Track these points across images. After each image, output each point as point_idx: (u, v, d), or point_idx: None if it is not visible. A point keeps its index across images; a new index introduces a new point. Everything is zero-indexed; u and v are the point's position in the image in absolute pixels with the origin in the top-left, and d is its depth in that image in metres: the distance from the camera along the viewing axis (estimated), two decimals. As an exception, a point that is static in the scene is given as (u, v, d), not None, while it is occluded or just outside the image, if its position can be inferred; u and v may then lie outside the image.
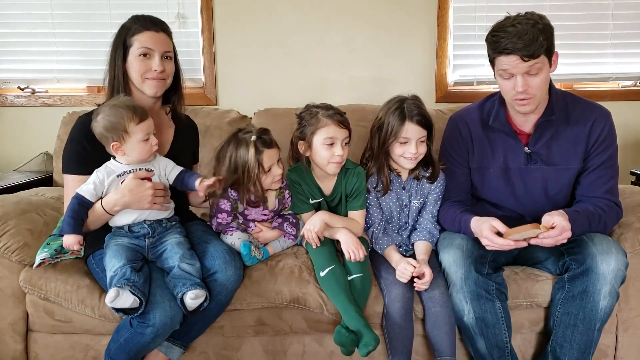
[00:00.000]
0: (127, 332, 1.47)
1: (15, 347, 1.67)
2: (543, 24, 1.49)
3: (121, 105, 1.51)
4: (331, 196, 1.78)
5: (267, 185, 1.67)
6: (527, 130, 1.67)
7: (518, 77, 1.51)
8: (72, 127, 1.63)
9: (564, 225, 1.42)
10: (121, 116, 1.48)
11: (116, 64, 1.62)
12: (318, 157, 1.68)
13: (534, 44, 1.45)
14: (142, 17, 1.63)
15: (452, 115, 1.84)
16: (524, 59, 1.47)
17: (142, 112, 1.52)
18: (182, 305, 1.45)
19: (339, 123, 1.64)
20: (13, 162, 2.57)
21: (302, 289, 1.63)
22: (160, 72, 1.62)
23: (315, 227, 1.65)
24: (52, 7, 2.52)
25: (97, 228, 1.57)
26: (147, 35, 1.60)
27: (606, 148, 1.62)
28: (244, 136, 1.62)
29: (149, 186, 1.53)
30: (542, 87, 1.54)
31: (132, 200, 1.52)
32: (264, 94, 2.56)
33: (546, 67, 1.52)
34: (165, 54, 1.63)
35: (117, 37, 1.63)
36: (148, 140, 1.53)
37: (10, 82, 2.60)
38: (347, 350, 1.52)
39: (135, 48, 1.60)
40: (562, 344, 1.55)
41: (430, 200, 1.79)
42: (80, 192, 1.52)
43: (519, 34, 1.46)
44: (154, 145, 1.55)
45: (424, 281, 1.57)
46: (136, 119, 1.50)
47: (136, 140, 1.51)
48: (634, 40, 2.51)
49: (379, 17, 2.52)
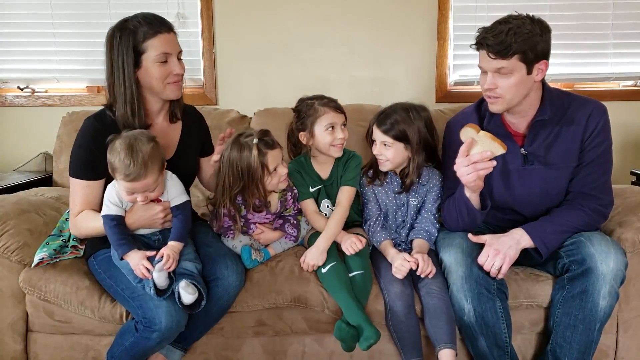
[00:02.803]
0: (133, 336, 1.46)
1: (15, 347, 1.67)
2: (530, 31, 1.47)
3: (125, 157, 1.41)
4: (329, 180, 1.83)
5: (274, 186, 1.67)
6: (521, 131, 1.67)
7: (489, 74, 1.53)
8: (80, 130, 1.58)
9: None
10: (118, 167, 1.42)
11: (125, 72, 1.50)
12: (321, 144, 1.75)
13: (502, 44, 1.46)
14: (148, 19, 1.52)
15: (450, 120, 1.83)
16: (489, 55, 1.49)
17: (140, 172, 1.42)
18: (180, 302, 1.43)
19: (335, 109, 1.75)
20: (13, 162, 2.57)
21: (303, 287, 1.63)
22: (182, 74, 1.59)
23: (319, 262, 1.65)
24: (52, 7, 2.52)
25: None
26: (161, 39, 1.51)
27: (600, 143, 1.61)
28: (246, 140, 1.61)
29: (159, 209, 1.53)
30: (511, 90, 1.53)
31: (145, 222, 1.54)
32: (264, 94, 2.56)
33: (520, 72, 1.50)
34: (180, 54, 1.60)
35: (123, 42, 1.49)
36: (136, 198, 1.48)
37: (10, 82, 2.59)
38: (348, 345, 1.53)
39: (152, 54, 1.50)
40: (562, 345, 1.55)
41: (429, 198, 1.80)
42: (108, 213, 1.50)
43: (494, 31, 1.48)
44: (139, 202, 1.49)
45: (422, 266, 1.58)
46: (127, 179, 1.42)
47: (125, 195, 1.48)
48: (634, 40, 2.51)
49: (379, 17, 2.52)
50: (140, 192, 1.47)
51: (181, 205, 1.57)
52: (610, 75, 2.54)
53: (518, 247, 1.55)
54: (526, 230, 1.57)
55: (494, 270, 1.53)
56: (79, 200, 1.58)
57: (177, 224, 1.55)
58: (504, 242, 1.55)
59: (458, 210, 1.64)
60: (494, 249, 1.54)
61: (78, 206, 1.58)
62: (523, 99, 1.57)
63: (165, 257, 1.43)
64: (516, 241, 1.56)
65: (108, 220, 1.50)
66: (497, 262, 1.52)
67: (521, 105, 1.59)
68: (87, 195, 1.58)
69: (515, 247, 1.55)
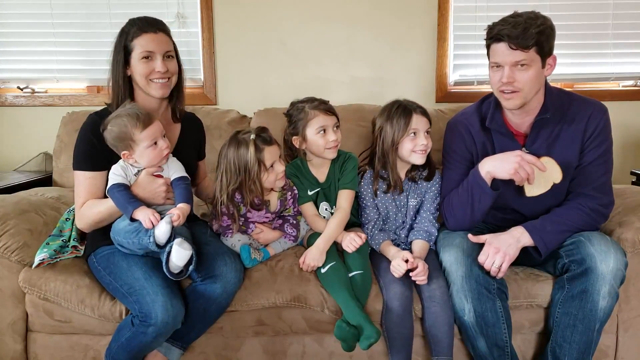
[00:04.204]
0: (129, 331, 1.47)
1: (15, 347, 1.67)
2: (543, 23, 1.49)
3: (124, 115, 1.51)
4: (326, 183, 1.82)
5: (271, 183, 1.67)
6: (523, 130, 1.67)
7: (505, 68, 1.53)
8: (82, 125, 1.64)
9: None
10: (125, 125, 1.50)
11: (117, 68, 1.62)
12: (315, 147, 1.74)
13: (525, 34, 1.47)
14: (139, 20, 1.63)
15: (450, 120, 1.84)
16: (511, 47, 1.49)
17: (146, 118, 1.52)
18: (167, 267, 1.44)
19: (325, 111, 1.73)
20: (13, 162, 2.57)
21: (303, 287, 1.63)
22: (164, 72, 1.62)
23: (319, 262, 1.65)
24: (52, 7, 2.52)
25: (107, 224, 1.58)
26: (146, 37, 1.60)
27: (600, 143, 1.61)
28: (243, 136, 1.63)
29: (161, 182, 1.56)
30: (529, 84, 1.53)
31: (147, 196, 1.55)
32: (264, 94, 2.56)
33: (537, 64, 1.52)
34: (167, 53, 1.64)
35: (118, 42, 1.63)
36: (156, 145, 1.54)
37: (10, 82, 2.60)
38: (348, 345, 1.53)
39: (137, 52, 1.60)
40: (561, 344, 1.55)
41: (427, 198, 1.80)
42: (114, 182, 1.53)
43: (513, 23, 1.49)
44: (164, 149, 1.56)
45: (418, 271, 1.57)
46: (140, 126, 1.50)
47: (144, 147, 1.52)
48: (635, 40, 2.51)
49: (379, 17, 2.52)
50: (160, 137, 1.54)
51: (182, 177, 1.60)
52: (610, 75, 2.54)
53: (518, 245, 1.55)
54: (526, 229, 1.57)
55: (494, 269, 1.53)
56: (82, 193, 1.61)
57: (180, 191, 1.57)
58: (504, 240, 1.55)
59: (470, 195, 1.64)
60: (493, 247, 1.54)
61: (82, 198, 1.61)
62: (535, 94, 1.57)
63: (175, 215, 1.47)
64: (516, 239, 1.56)
65: (115, 187, 1.52)
66: (497, 261, 1.52)
67: (532, 102, 1.60)
68: (90, 187, 1.61)
69: (515, 245, 1.55)
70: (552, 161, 1.57)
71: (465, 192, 1.66)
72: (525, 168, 1.52)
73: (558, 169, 1.56)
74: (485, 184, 1.60)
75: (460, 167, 1.75)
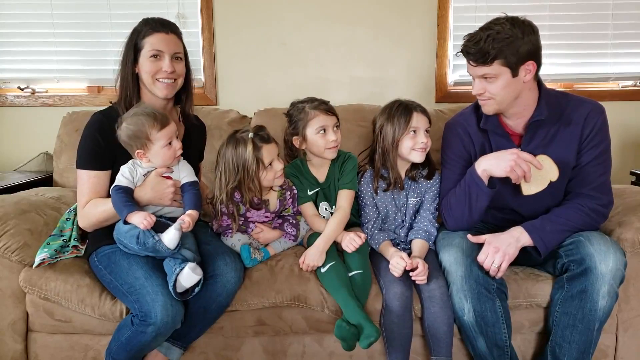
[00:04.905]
0: (129, 330, 1.47)
1: (15, 347, 1.67)
2: (509, 34, 1.48)
3: (142, 113, 1.52)
4: (326, 183, 1.83)
5: (270, 181, 1.68)
6: (519, 131, 1.68)
7: (476, 80, 1.58)
8: (87, 124, 1.64)
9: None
10: (142, 124, 1.50)
11: (126, 65, 1.64)
12: (315, 147, 1.75)
13: (481, 52, 1.50)
14: (152, 20, 1.64)
15: (448, 121, 1.84)
16: (470, 64, 1.55)
17: (163, 119, 1.53)
18: (174, 288, 1.44)
19: (325, 111, 1.74)
20: (13, 162, 2.57)
21: (303, 286, 1.63)
22: (171, 73, 1.62)
23: (318, 262, 1.66)
24: (52, 7, 2.52)
25: (111, 224, 1.58)
26: (157, 37, 1.61)
27: (598, 143, 1.62)
28: (241, 135, 1.64)
29: (170, 184, 1.56)
30: (501, 93, 1.56)
31: (154, 197, 1.55)
32: (264, 94, 2.56)
33: (505, 75, 1.53)
34: (176, 54, 1.65)
35: (129, 40, 1.64)
36: (171, 145, 1.55)
37: (10, 82, 2.60)
38: (348, 344, 1.53)
39: (146, 50, 1.61)
40: (561, 344, 1.55)
41: (427, 198, 1.81)
42: (118, 184, 1.53)
43: (474, 39, 1.52)
44: (177, 150, 1.57)
45: (418, 271, 1.58)
46: (157, 126, 1.51)
47: (159, 147, 1.53)
48: (634, 40, 2.51)
49: (379, 17, 2.52)
50: (174, 138, 1.55)
51: (192, 182, 1.60)
52: (610, 75, 2.54)
53: (517, 245, 1.56)
54: (525, 229, 1.57)
55: (493, 268, 1.53)
56: (86, 192, 1.61)
57: (190, 196, 1.57)
58: (504, 240, 1.56)
59: (467, 194, 1.64)
60: (493, 246, 1.54)
61: (86, 197, 1.61)
62: (514, 100, 1.59)
63: (185, 222, 1.48)
64: (515, 239, 1.56)
65: (116, 189, 1.52)
66: (496, 260, 1.53)
67: (514, 107, 1.61)
68: (94, 186, 1.61)
69: (515, 244, 1.55)
70: (549, 159, 1.57)
71: (462, 191, 1.66)
72: (521, 166, 1.53)
73: (554, 167, 1.57)
74: (482, 182, 1.60)
75: (459, 168, 1.75)
